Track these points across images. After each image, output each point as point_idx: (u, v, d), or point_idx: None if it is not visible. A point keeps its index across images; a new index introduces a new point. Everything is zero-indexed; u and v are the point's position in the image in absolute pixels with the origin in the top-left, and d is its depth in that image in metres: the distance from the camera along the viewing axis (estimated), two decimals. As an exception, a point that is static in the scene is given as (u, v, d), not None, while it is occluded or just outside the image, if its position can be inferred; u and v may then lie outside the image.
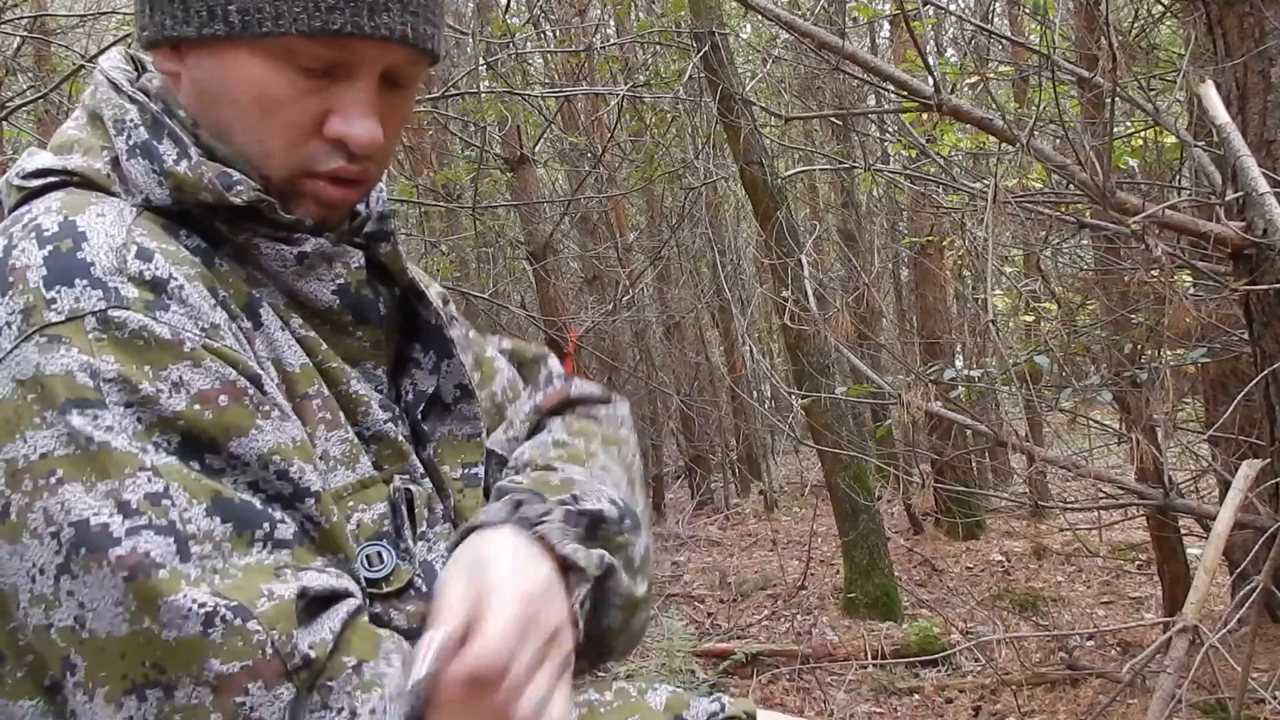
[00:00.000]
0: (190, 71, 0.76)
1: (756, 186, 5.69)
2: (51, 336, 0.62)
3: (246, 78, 0.73)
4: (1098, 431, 4.66)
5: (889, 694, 4.55)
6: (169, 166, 0.72)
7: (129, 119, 0.74)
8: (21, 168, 0.73)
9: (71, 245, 0.66)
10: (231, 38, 0.73)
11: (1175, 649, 2.09)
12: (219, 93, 0.75)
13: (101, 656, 0.58)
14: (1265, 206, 2.51)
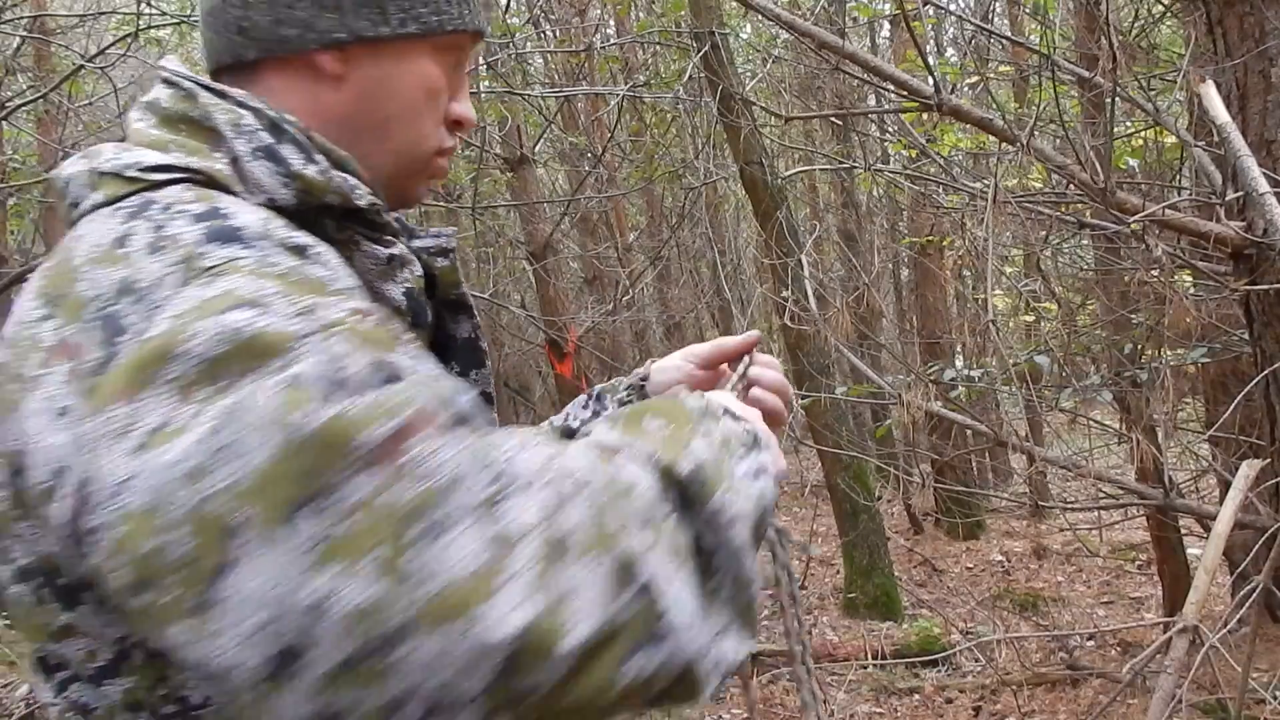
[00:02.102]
0: (363, 72, 0.82)
1: (756, 186, 5.69)
2: (213, 276, 0.64)
3: (422, 72, 0.83)
4: (1098, 431, 4.66)
5: (889, 694, 4.55)
6: (296, 169, 0.77)
7: (245, 123, 0.77)
8: (138, 160, 0.75)
9: (221, 218, 0.69)
10: (420, 36, 0.82)
11: (1175, 649, 2.09)
12: (391, 93, 0.83)
13: (265, 490, 0.56)
14: (1265, 206, 2.51)
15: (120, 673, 0.67)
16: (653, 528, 0.63)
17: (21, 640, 0.73)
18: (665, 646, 0.61)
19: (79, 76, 6.98)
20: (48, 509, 0.63)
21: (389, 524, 0.56)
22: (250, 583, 0.55)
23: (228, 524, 0.56)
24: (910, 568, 7.30)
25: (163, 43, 8.33)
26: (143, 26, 6.09)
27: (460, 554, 0.56)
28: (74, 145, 8.49)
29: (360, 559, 0.55)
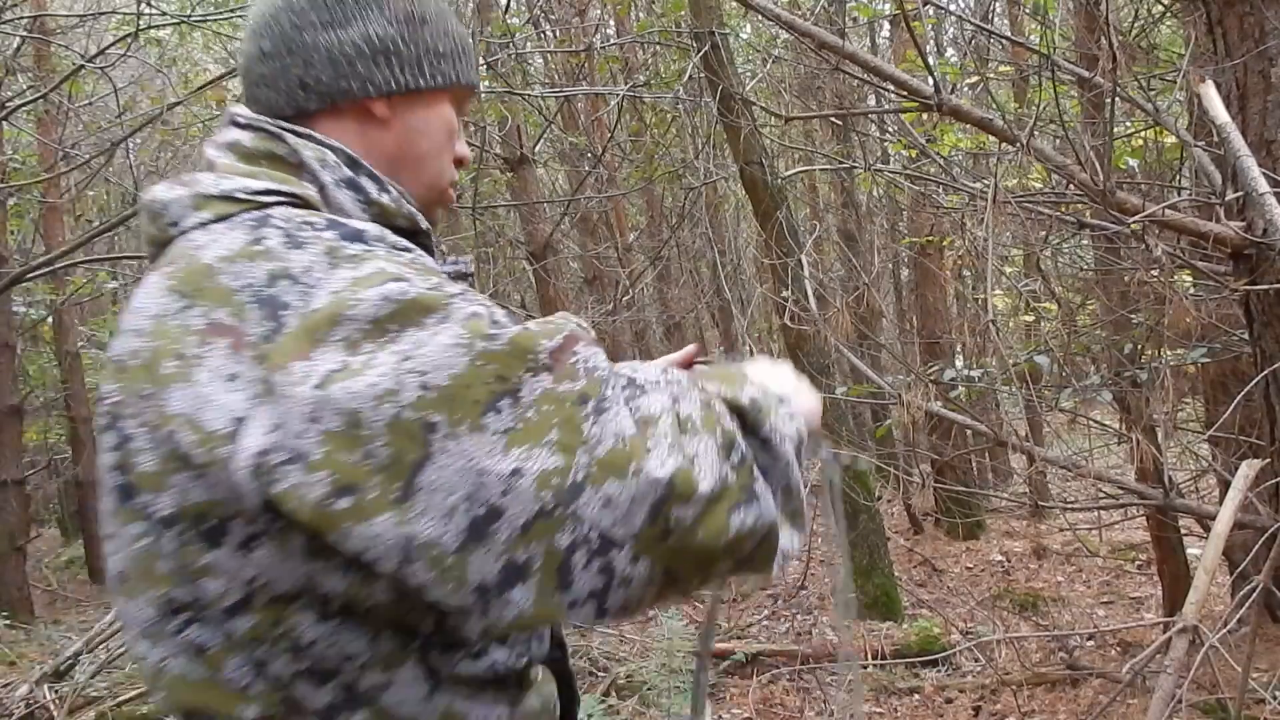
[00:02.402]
0: (403, 118, 1.01)
1: (756, 186, 5.68)
2: (358, 262, 0.80)
3: (445, 117, 1.04)
4: (1098, 431, 4.66)
5: (889, 694, 4.55)
6: (374, 197, 0.95)
7: (329, 160, 0.95)
8: (245, 185, 0.90)
9: (344, 225, 0.86)
10: (443, 89, 1.03)
11: (1175, 649, 2.09)
12: (424, 130, 1.03)
13: (456, 397, 0.72)
14: (1265, 206, 2.51)
15: (248, 610, 0.81)
16: (748, 441, 0.81)
17: (139, 593, 0.85)
18: (756, 507, 0.78)
19: (79, 76, 6.99)
20: (222, 454, 0.76)
21: (565, 408, 0.73)
22: (447, 471, 0.70)
23: (422, 428, 0.71)
24: (910, 568, 7.30)
25: (163, 43, 8.33)
26: (143, 26, 6.08)
27: (619, 426, 0.74)
28: (74, 145, 8.49)
29: (543, 436, 0.72)
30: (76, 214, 10.29)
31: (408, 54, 1.00)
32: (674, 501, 0.73)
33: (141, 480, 0.81)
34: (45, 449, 11.35)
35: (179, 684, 0.84)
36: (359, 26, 0.99)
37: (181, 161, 12.53)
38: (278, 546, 0.79)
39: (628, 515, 0.72)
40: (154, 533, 0.82)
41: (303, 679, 0.82)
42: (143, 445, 0.81)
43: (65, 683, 5.03)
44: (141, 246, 1.01)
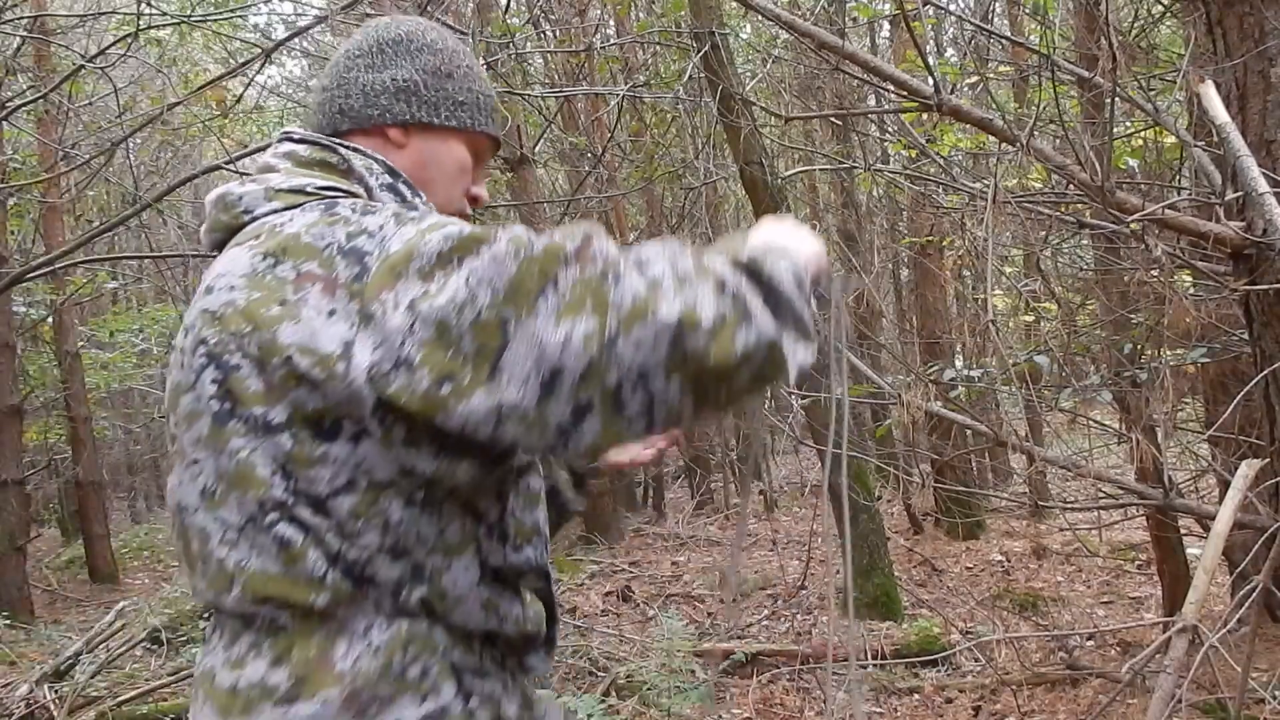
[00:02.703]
0: (417, 144, 1.26)
1: (756, 186, 5.68)
2: (418, 220, 1.03)
3: (456, 153, 1.28)
4: (1098, 431, 4.66)
5: (889, 694, 4.55)
6: (409, 199, 1.21)
7: (374, 168, 1.21)
8: (311, 182, 1.15)
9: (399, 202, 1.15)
10: (456, 130, 1.28)
11: (1175, 649, 2.09)
12: (435, 160, 1.27)
13: (516, 293, 0.93)
14: (1265, 206, 2.51)
15: (352, 491, 1.02)
16: (740, 282, 0.98)
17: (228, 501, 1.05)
18: (755, 327, 0.95)
19: (79, 76, 6.98)
20: (341, 370, 0.98)
21: (591, 285, 0.93)
22: (520, 350, 0.91)
23: (498, 322, 0.92)
24: (910, 568, 7.30)
25: (163, 43, 8.32)
26: (143, 26, 6.08)
27: (634, 289, 0.93)
28: (74, 145, 8.49)
29: (581, 308, 0.92)
30: (76, 214, 10.28)
31: (427, 96, 1.27)
32: (685, 333, 0.92)
33: (250, 400, 1.03)
34: (45, 449, 11.34)
35: (258, 578, 1.04)
36: (392, 71, 1.27)
37: (181, 161, 12.53)
38: (381, 440, 1.01)
39: (654, 351, 0.91)
40: (262, 439, 1.03)
41: (383, 554, 1.04)
42: (249, 373, 1.03)
43: (65, 683, 5.03)
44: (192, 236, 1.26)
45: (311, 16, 7.99)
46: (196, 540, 1.08)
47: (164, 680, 4.93)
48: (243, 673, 1.05)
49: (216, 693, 1.07)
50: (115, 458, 15.95)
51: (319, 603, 1.03)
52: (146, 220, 10.56)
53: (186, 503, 1.09)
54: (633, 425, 0.95)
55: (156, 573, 10.20)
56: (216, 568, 1.06)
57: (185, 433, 1.08)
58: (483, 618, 1.10)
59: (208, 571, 1.07)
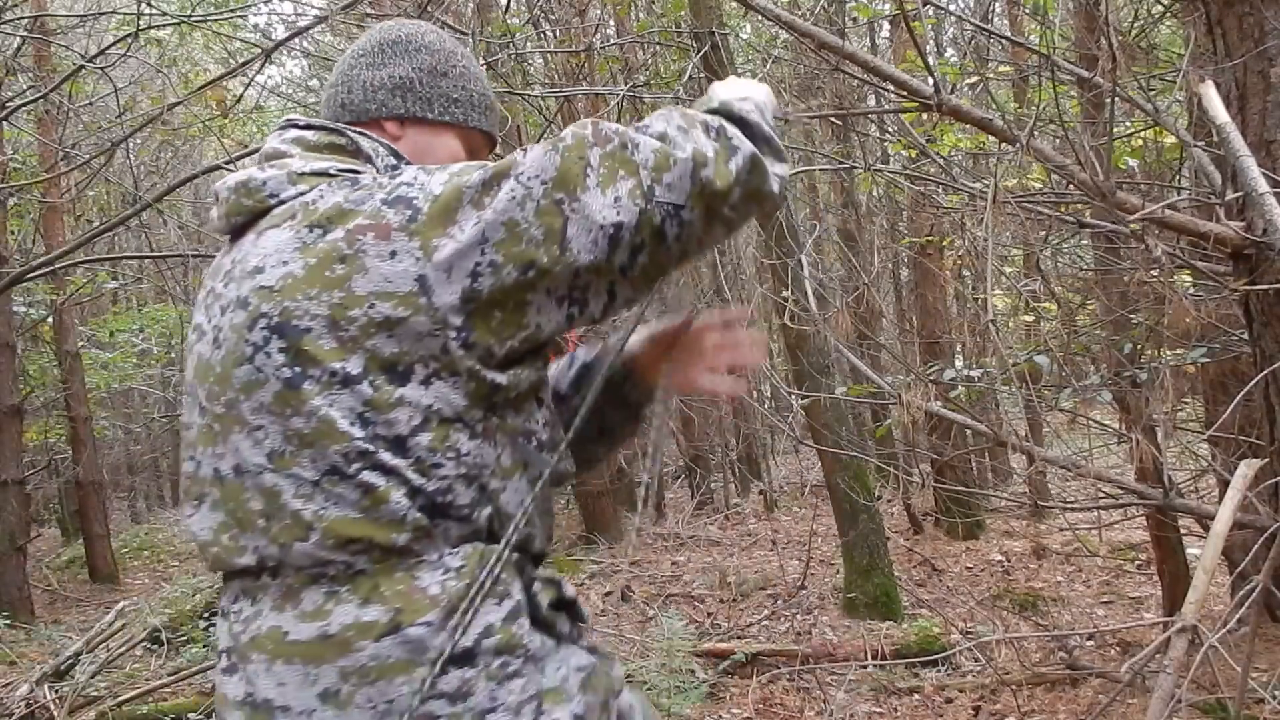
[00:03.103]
0: (412, 136, 1.36)
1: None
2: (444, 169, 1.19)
3: (449, 146, 1.38)
4: (1098, 431, 4.65)
5: (889, 694, 4.55)
6: None
7: (380, 151, 1.31)
8: (332, 166, 1.24)
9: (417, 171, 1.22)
10: (449, 125, 1.38)
11: (1175, 649, 2.09)
12: (429, 152, 1.36)
13: (565, 179, 1.13)
14: (1265, 206, 2.51)
15: (427, 429, 1.14)
16: (719, 121, 1.21)
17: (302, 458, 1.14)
18: (740, 152, 1.18)
19: (79, 76, 6.98)
20: (424, 303, 1.12)
21: (617, 155, 1.15)
22: (580, 221, 1.13)
23: (555, 204, 1.13)
24: (910, 568, 7.30)
25: (163, 43, 8.32)
26: (143, 26, 6.08)
27: (650, 147, 1.15)
28: (74, 145, 8.49)
29: (617, 174, 1.14)
30: (76, 214, 10.27)
31: (422, 92, 1.37)
32: (698, 168, 1.15)
33: (325, 356, 1.13)
34: (45, 449, 11.34)
35: (339, 524, 1.13)
36: (390, 69, 1.38)
37: (181, 161, 12.53)
38: (448, 379, 1.14)
39: (680, 188, 1.15)
40: (340, 392, 1.13)
41: (459, 481, 1.16)
42: (321, 331, 1.13)
43: (65, 683, 5.03)
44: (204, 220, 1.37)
45: (311, 16, 7.99)
46: (261, 499, 1.16)
47: (164, 680, 4.93)
48: (329, 620, 1.13)
49: (295, 646, 1.14)
50: (115, 458, 15.94)
51: (400, 541, 1.14)
52: (146, 220, 10.55)
53: (247, 465, 1.17)
54: (670, 253, 1.18)
55: (156, 573, 10.19)
56: (291, 519, 1.14)
57: (244, 402, 1.16)
58: (526, 530, 1.25)
59: (274, 525, 1.15)
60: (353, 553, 1.14)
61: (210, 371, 1.20)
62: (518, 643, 1.17)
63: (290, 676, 1.14)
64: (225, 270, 1.24)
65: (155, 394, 14.52)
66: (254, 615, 1.18)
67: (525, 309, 1.15)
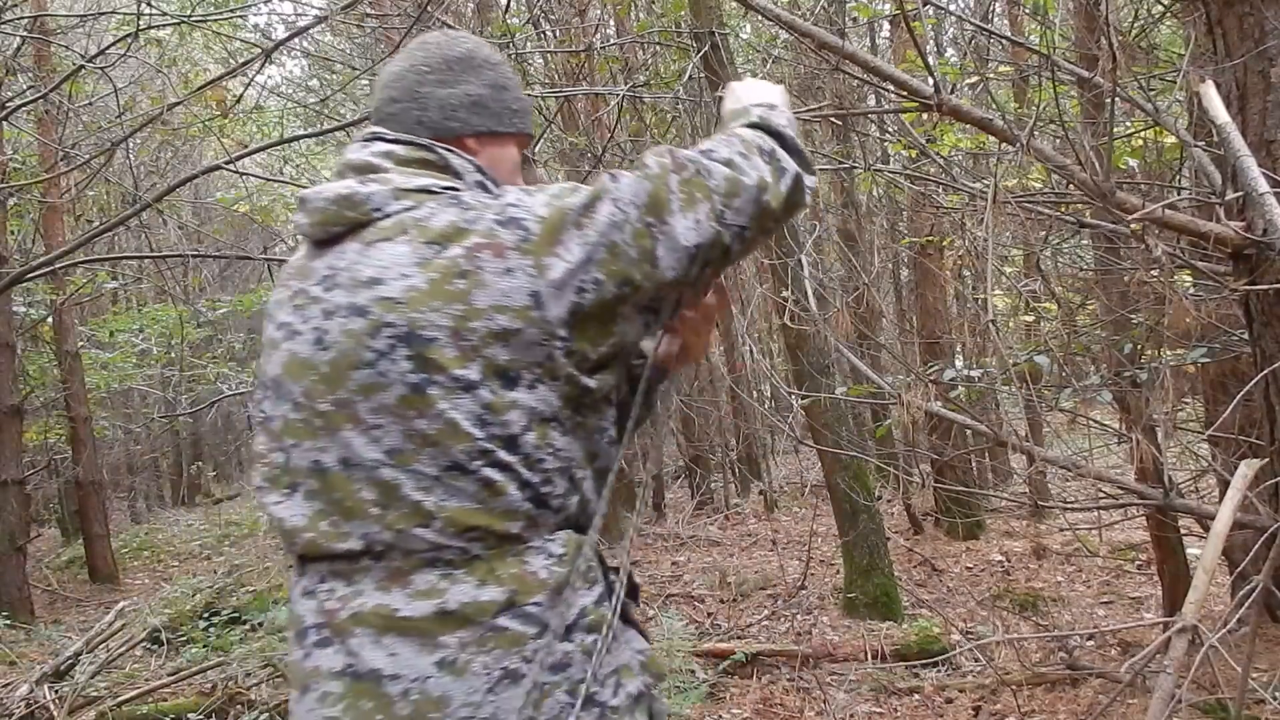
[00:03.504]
0: (487, 150, 1.47)
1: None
2: (542, 191, 1.33)
3: (512, 154, 1.50)
4: (1098, 431, 4.65)
5: (889, 694, 4.55)
6: (496, 192, 1.40)
7: (468, 167, 1.41)
8: (434, 183, 1.35)
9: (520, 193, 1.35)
10: (513, 135, 1.50)
11: (1175, 649, 2.09)
12: (500, 160, 1.47)
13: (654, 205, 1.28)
14: (1265, 206, 2.50)
15: (530, 430, 1.27)
16: (764, 139, 1.37)
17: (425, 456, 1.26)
18: (787, 174, 1.35)
19: (79, 76, 6.98)
20: (536, 316, 1.25)
21: (694, 181, 1.29)
22: (667, 242, 1.28)
23: (648, 227, 1.27)
24: (910, 568, 7.30)
25: (163, 43, 8.32)
26: (143, 26, 6.08)
27: (721, 174, 1.30)
28: (74, 145, 8.48)
29: (695, 199, 1.28)
30: (76, 214, 10.27)
31: (494, 108, 1.48)
32: (761, 193, 1.31)
33: (449, 364, 1.25)
34: (45, 449, 11.34)
35: (462, 513, 1.26)
36: (464, 87, 1.46)
37: (181, 161, 12.52)
38: (549, 383, 1.28)
39: (746, 211, 1.31)
40: (462, 396, 1.25)
41: (556, 473, 1.30)
42: (445, 341, 1.24)
43: (65, 683, 5.03)
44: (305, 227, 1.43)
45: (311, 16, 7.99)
46: (374, 490, 1.27)
47: (164, 680, 4.93)
48: (445, 598, 1.26)
49: (409, 622, 1.25)
50: (115, 458, 15.93)
51: (513, 529, 1.28)
52: (146, 220, 10.54)
53: (360, 459, 1.28)
54: (729, 263, 1.35)
55: (156, 573, 10.19)
56: (410, 508, 1.26)
57: (361, 402, 1.27)
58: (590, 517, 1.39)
59: (389, 514, 1.27)
60: (469, 539, 1.27)
61: (311, 370, 1.31)
62: (605, 622, 1.33)
63: (403, 648, 1.25)
64: (322, 275, 1.33)
65: (155, 394, 14.51)
66: (352, 594, 1.29)
67: (616, 320, 1.30)
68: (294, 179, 11.64)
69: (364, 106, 10.22)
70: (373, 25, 8.92)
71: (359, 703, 1.25)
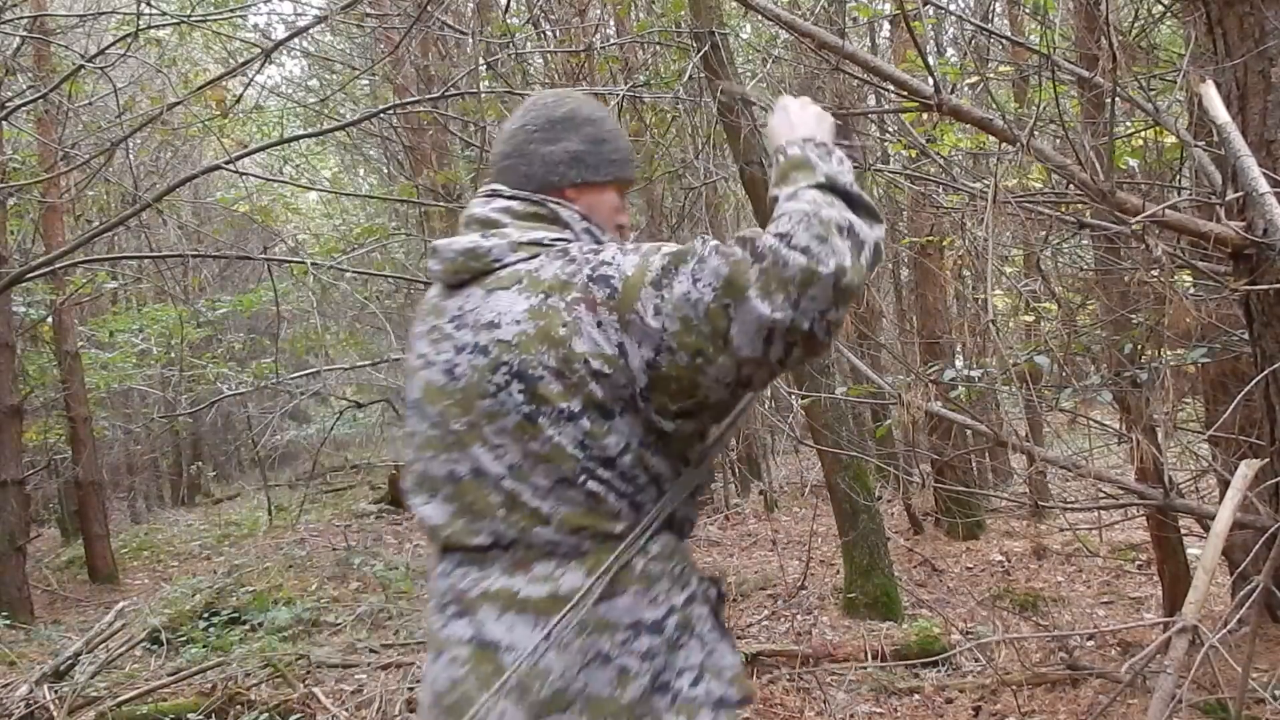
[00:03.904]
0: (586, 198, 1.66)
1: (756, 186, 5.68)
2: (633, 253, 1.47)
3: (609, 200, 1.69)
4: (1098, 431, 4.65)
5: (889, 694, 4.55)
6: (601, 239, 1.62)
7: (575, 219, 1.62)
8: (545, 237, 1.58)
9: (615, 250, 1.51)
10: (611, 182, 1.68)
11: (1175, 649, 2.09)
12: (598, 208, 1.67)
13: (731, 287, 1.35)
14: (1265, 206, 2.51)
15: (627, 452, 1.47)
16: (837, 206, 1.41)
17: (538, 472, 1.47)
18: (867, 245, 1.40)
19: (79, 76, 6.98)
20: (623, 364, 1.42)
21: (772, 272, 1.34)
22: (739, 323, 1.35)
23: (722, 308, 1.35)
24: (910, 568, 7.30)
25: (162, 43, 8.32)
26: (143, 26, 6.08)
27: (797, 263, 1.33)
28: (74, 145, 8.48)
29: (770, 286, 1.33)
30: (76, 214, 10.27)
31: (591, 161, 1.66)
32: (839, 279, 1.35)
33: (554, 398, 1.45)
34: (45, 449, 11.34)
35: (572, 516, 1.46)
36: (563, 144, 1.66)
37: (181, 161, 12.52)
38: (634, 416, 1.46)
39: (824, 297, 1.34)
40: (566, 425, 1.45)
41: (649, 485, 1.50)
42: (550, 379, 1.44)
43: (65, 683, 5.03)
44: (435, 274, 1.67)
45: (311, 16, 7.98)
46: (500, 495, 1.50)
47: (164, 680, 4.93)
48: (559, 584, 1.46)
49: (526, 602, 1.47)
50: (115, 458, 15.93)
51: (616, 529, 1.48)
52: (146, 220, 10.55)
53: (488, 471, 1.51)
54: (821, 341, 1.39)
55: (156, 573, 10.19)
56: (530, 513, 1.48)
57: (486, 425, 1.50)
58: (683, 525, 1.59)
59: (513, 515, 1.49)
60: (581, 537, 1.47)
61: (446, 396, 1.55)
62: (691, 623, 1.53)
63: (519, 624, 1.46)
64: (452, 314, 1.57)
65: (155, 394, 14.50)
66: (482, 577, 1.51)
67: (697, 386, 1.42)
68: (294, 179, 11.64)
69: (364, 106, 10.23)
70: (372, 25, 8.92)
71: (480, 667, 1.47)
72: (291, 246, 10.89)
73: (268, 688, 4.76)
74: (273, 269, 7.79)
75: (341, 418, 13.49)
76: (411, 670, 4.80)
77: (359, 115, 8.35)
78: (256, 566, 8.56)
